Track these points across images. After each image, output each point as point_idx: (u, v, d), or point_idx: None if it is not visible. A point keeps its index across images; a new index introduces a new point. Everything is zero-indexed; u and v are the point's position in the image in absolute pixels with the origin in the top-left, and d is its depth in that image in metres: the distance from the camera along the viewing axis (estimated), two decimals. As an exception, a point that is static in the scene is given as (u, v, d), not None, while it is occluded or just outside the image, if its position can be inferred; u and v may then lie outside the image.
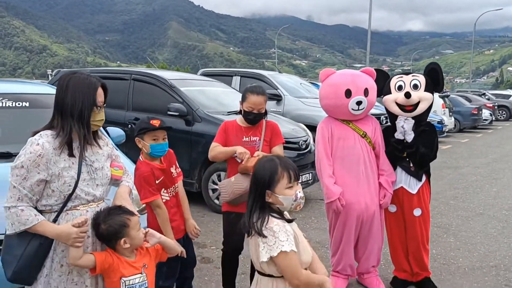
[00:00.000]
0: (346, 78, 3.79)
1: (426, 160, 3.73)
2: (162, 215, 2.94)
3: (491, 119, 22.24)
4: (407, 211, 3.80)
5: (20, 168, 2.08)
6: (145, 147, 2.93)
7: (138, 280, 2.20)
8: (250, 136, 3.38)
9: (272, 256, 2.02)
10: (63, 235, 2.06)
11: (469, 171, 9.82)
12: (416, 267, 3.88)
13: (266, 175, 2.12)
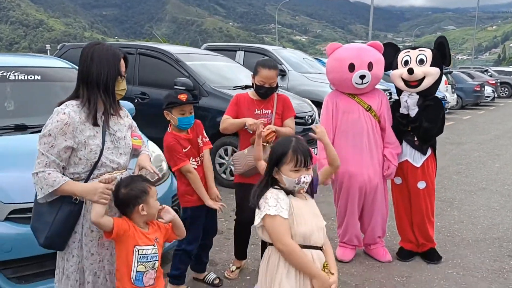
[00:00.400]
0: (350, 52, 3.84)
1: (430, 134, 3.78)
2: (194, 179, 3.12)
3: (493, 96, 22.20)
4: (412, 183, 3.88)
5: (48, 136, 2.14)
6: (173, 120, 3.10)
7: (150, 252, 2.25)
8: (262, 109, 3.44)
9: (262, 219, 2.14)
10: (89, 190, 2.12)
11: (471, 147, 9.90)
12: (421, 238, 3.98)
13: (278, 152, 2.21)
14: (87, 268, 2.27)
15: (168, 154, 3.12)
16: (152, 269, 2.25)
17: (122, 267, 2.21)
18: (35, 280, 3.07)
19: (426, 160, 3.84)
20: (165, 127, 7.02)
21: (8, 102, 4.12)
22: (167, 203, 3.75)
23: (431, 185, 3.88)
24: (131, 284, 2.20)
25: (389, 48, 4.04)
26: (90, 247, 2.26)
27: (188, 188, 3.19)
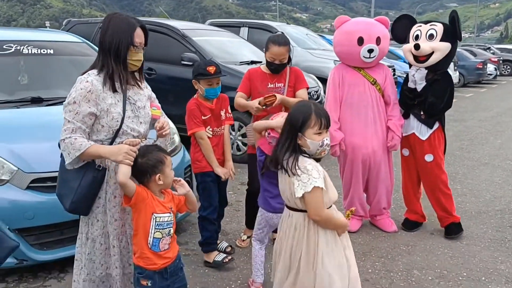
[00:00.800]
0: (360, 26, 3.90)
1: (435, 109, 3.83)
2: (205, 146, 3.29)
3: (496, 73, 22.15)
4: (419, 156, 3.96)
5: (73, 104, 2.22)
6: (200, 90, 3.28)
7: (167, 219, 2.34)
8: (275, 82, 3.51)
9: (306, 192, 2.17)
10: (115, 151, 2.20)
11: (474, 124, 9.98)
12: (439, 210, 4.04)
13: (299, 118, 2.25)
14: (111, 233, 2.37)
15: (187, 117, 3.29)
16: (168, 235, 2.34)
17: (139, 233, 2.30)
18: (55, 247, 3.20)
19: (433, 134, 3.90)
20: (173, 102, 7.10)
21: (22, 75, 4.19)
22: (180, 175, 3.88)
23: (438, 158, 3.93)
24: (148, 249, 2.30)
25: (405, 20, 4.09)
26: (113, 213, 2.36)
27: (198, 154, 3.35)
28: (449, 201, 4.01)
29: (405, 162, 4.14)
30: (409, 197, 4.19)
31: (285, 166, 2.24)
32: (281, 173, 2.33)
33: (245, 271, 3.36)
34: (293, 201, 2.27)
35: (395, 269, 3.45)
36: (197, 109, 3.27)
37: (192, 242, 3.85)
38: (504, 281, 3.30)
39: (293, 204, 2.28)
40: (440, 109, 3.85)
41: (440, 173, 3.96)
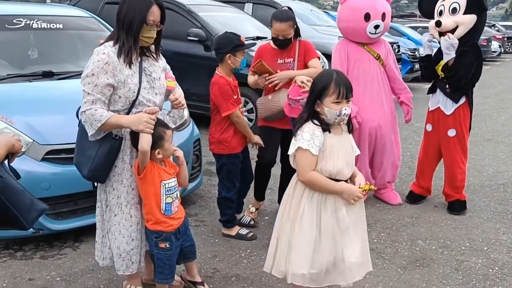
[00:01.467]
0: (366, 2, 3.92)
1: (462, 82, 3.75)
2: (242, 124, 3.30)
3: (500, 51, 21.97)
4: (442, 131, 3.95)
5: (91, 76, 2.28)
6: (236, 63, 3.24)
7: (173, 184, 2.46)
8: (284, 58, 3.53)
9: (292, 152, 2.28)
10: (135, 120, 2.27)
11: (477, 101, 9.83)
12: (448, 187, 4.07)
13: (320, 85, 2.29)
14: (129, 203, 2.45)
15: (220, 97, 3.21)
16: (176, 199, 2.49)
17: (151, 201, 2.40)
18: (70, 217, 3.30)
19: (458, 108, 3.86)
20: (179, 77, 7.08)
21: (32, 50, 4.23)
22: (189, 149, 3.97)
23: (461, 133, 3.90)
24: (162, 215, 2.42)
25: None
26: (131, 182, 2.44)
27: (226, 135, 3.31)
28: (462, 179, 4.04)
29: (427, 138, 4.12)
30: (423, 172, 4.21)
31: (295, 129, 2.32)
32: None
33: (254, 241, 3.46)
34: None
35: (400, 240, 3.54)
36: (230, 88, 3.23)
37: (201, 213, 3.95)
38: (506, 251, 3.40)
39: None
40: (466, 83, 3.77)
41: (463, 149, 3.95)
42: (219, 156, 3.40)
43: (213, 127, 3.37)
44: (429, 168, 4.21)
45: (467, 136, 3.98)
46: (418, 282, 2.97)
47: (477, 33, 3.81)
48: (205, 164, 5.27)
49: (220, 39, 3.34)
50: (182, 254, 2.60)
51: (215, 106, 3.30)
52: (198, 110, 6.46)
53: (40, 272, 2.97)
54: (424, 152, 4.21)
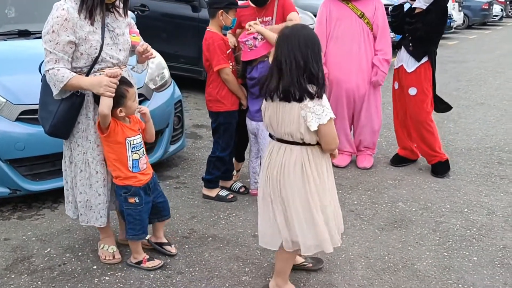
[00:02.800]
0: None
1: (421, 38, 3.77)
2: (233, 81, 3.26)
3: (502, 15, 21.63)
4: (405, 90, 3.95)
5: (52, 33, 2.21)
6: (226, 21, 3.21)
7: (139, 141, 2.44)
8: (262, 16, 3.46)
9: (321, 124, 2.07)
10: (95, 83, 2.23)
11: (474, 65, 9.86)
12: (423, 146, 4.01)
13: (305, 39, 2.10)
14: (94, 159, 2.42)
15: (212, 52, 3.18)
16: (143, 155, 2.47)
17: (117, 159, 2.39)
18: (48, 178, 3.27)
19: (419, 67, 3.84)
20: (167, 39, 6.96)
21: (9, 9, 4.12)
22: (170, 110, 3.92)
23: (422, 92, 3.87)
24: (130, 172, 2.41)
25: None
26: (95, 139, 2.40)
27: (222, 93, 3.27)
28: (432, 137, 3.98)
29: (395, 96, 4.14)
30: (399, 132, 4.21)
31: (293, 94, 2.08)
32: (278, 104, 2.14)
33: (234, 202, 3.45)
34: (298, 137, 2.14)
35: (380, 201, 3.53)
36: (223, 43, 3.19)
37: (183, 176, 3.93)
38: (486, 212, 3.39)
39: (297, 139, 2.15)
40: (423, 37, 3.77)
41: (425, 109, 3.92)
42: (216, 115, 3.37)
43: (209, 85, 3.34)
44: (404, 127, 4.15)
45: (430, 95, 3.93)
46: (394, 242, 2.97)
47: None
48: (191, 127, 5.24)
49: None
50: (155, 211, 2.59)
51: (209, 63, 3.26)
52: (186, 73, 6.37)
53: (16, 232, 2.97)
54: (395, 111, 4.18)
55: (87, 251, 2.78)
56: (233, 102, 3.32)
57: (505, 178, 4.01)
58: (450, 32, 14.90)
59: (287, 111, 2.11)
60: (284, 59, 2.08)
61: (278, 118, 2.15)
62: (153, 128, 2.61)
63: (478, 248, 2.92)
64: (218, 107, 3.32)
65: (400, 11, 3.96)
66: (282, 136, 2.18)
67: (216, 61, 3.18)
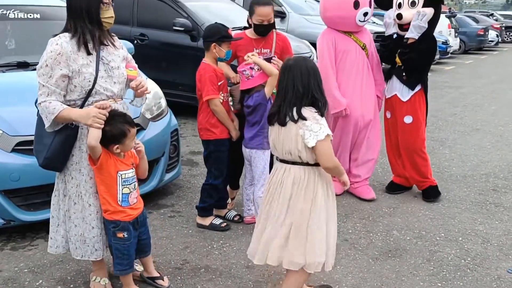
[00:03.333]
0: None
1: (411, 64, 3.82)
2: (221, 112, 3.32)
3: (497, 40, 21.90)
4: (399, 118, 3.99)
5: (45, 67, 2.28)
6: (219, 53, 3.28)
7: (130, 175, 2.45)
8: (261, 48, 3.51)
9: (319, 140, 2.21)
10: (84, 115, 2.26)
11: (470, 91, 9.94)
12: (415, 174, 4.05)
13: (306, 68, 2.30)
14: (87, 192, 2.43)
15: (203, 83, 3.26)
16: (134, 190, 2.47)
17: (106, 192, 2.39)
18: (42, 208, 3.27)
19: (414, 96, 3.89)
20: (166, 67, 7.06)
21: (9, 40, 4.18)
22: (166, 139, 3.94)
23: (418, 120, 3.92)
24: (119, 205, 2.41)
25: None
26: (88, 171, 2.42)
27: (211, 120, 3.33)
28: (425, 165, 4.03)
29: (387, 125, 4.18)
30: (392, 160, 4.24)
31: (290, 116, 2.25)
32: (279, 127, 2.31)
33: (228, 232, 3.45)
34: (296, 154, 2.28)
35: (375, 230, 3.53)
36: (214, 75, 3.27)
37: (178, 204, 3.94)
38: (481, 241, 3.38)
39: (296, 157, 2.29)
40: (416, 65, 3.83)
41: (419, 136, 3.96)
42: (206, 143, 3.42)
43: (200, 114, 3.39)
44: (398, 156, 4.17)
45: (424, 123, 4.00)
46: (388, 273, 2.96)
47: (432, 25, 3.83)
48: (188, 153, 5.26)
49: (208, 28, 3.38)
50: (138, 247, 2.57)
51: (200, 93, 3.32)
52: (184, 100, 6.43)
53: (8, 264, 2.97)
54: (388, 140, 4.21)
55: (79, 283, 2.77)
56: (223, 131, 3.36)
57: (500, 205, 4.01)
58: (446, 57, 15.06)
59: (287, 130, 2.29)
60: (286, 87, 2.30)
61: (280, 139, 2.33)
62: (147, 164, 2.63)
63: (472, 278, 2.91)
64: (208, 135, 3.37)
65: (390, 41, 4.02)
66: (283, 155, 2.35)
67: (206, 92, 3.25)
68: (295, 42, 7.01)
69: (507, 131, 6.54)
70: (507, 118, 7.34)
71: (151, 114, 3.86)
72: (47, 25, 4.34)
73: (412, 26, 3.74)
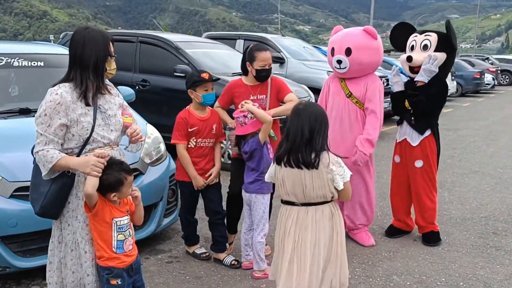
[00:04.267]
0: (336, 37, 3.96)
1: (424, 111, 3.85)
2: (182, 159, 3.52)
3: (494, 83, 22.24)
4: (409, 162, 3.99)
5: (44, 116, 2.31)
6: (197, 98, 3.44)
7: (126, 222, 2.45)
8: (257, 94, 3.59)
9: (345, 182, 2.49)
10: (82, 163, 2.29)
11: (468, 133, 10.02)
12: (420, 219, 4.05)
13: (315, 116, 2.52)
14: (83, 239, 2.42)
15: (174, 127, 3.49)
16: (129, 236, 2.47)
17: (101, 238, 2.39)
18: (39, 254, 3.25)
19: (424, 140, 3.91)
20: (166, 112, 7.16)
21: (13, 87, 4.28)
22: (164, 184, 3.96)
23: (428, 164, 3.93)
24: (113, 252, 2.40)
25: (403, 29, 4.14)
26: (85, 218, 2.42)
27: (178, 162, 3.60)
28: (433, 209, 4.03)
29: (396, 169, 4.15)
30: (396, 206, 4.20)
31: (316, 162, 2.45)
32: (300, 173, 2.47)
33: (226, 277, 3.41)
34: (329, 196, 2.52)
35: (375, 275, 3.49)
36: (183, 121, 3.45)
37: (176, 249, 3.91)
38: (482, 286, 3.34)
39: (329, 197, 2.53)
40: (425, 109, 3.83)
41: (430, 181, 3.98)
42: (178, 182, 3.72)
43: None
44: (402, 201, 4.17)
45: (435, 168, 4.00)
46: (388, 319, 2.90)
47: (444, 70, 3.89)
48: (187, 199, 5.24)
49: (186, 77, 3.57)
50: None
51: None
52: (183, 145, 6.49)
53: (3, 311, 2.93)
54: (394, 185, 4.19)
55: (73, 331, 2.71)
56: (184, 174, 3.55)
57: (500, 249, 3.98)
58: (444, 101, 15.22)
59: (315, 176, 2.46)
60: (294, 131, 2.48)
61: (304, 184, 2.48)
62: (142, 211, 2.63)
63: (474, 324, 2.86)
64: (176, 175, 3.69)
65: (399, 97, 3.97)
66: (310, 200, 2.51)
67: (173, 136, 3.49)
68: (293, 86, 7.15)
69: (506, 173, 6.55)
70: (505, 160, 7.38)
71: (150, 159, 3.90)
72: (51, 72, 4.45)
73: (422, 70, 3.79)
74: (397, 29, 4.19)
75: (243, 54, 3.68)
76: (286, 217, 2.58)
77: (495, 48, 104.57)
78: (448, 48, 3.85)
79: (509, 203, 5.19)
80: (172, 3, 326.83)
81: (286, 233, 2.56)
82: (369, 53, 3.79)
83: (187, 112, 3.49)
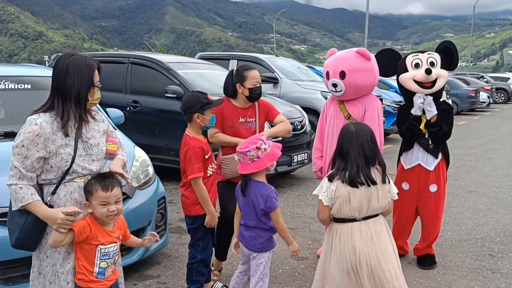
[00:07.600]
0: (330, 60, 3.90)
1: (446, 138, 3.86)
2: (202, 193, 3.12)
3: (489, 101, 22.36)
4: (423, 187, 3.89)
5: (21, 147, 2.18)
6: (205, 122, 3.15)
7: (113, 249, 2.34)
8: (246, 117, 3.53)
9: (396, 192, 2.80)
10: (50, 218, 2.18)
11: (463, 152, 9.99)
12: (422, 242, 4.00)
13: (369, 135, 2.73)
14: (65, 269, 2.31)
15: (188, 159, 3.10)
16: (113, 264, 2.37)
17: (84, 258, 2.29)
18: (22, 282, 3.14)
19: (438, 164, 3.86)
20: (157, 134, 7.09)
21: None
22: (153, 208, 3.87)
23: (442, 188, 3.91)
24: (94, 277, 2.30)
25: (388, 54, 4.09)
26: (66, 248, 2.31)
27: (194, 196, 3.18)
28: (437, 233, 4.02)
29: (403, 197, 3.84)
30: (398, 232, 4.03)
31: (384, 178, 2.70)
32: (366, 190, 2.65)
33: (215, 304, 3.30)
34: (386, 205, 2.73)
35: (368, 301, 3.38)
36: (201, 151, 3.09)
37: (164, 275, 3.80)
38: (478, 311, 3.25)
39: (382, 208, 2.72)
40: (448, 138, 3.90)
41: (441, 204, 3.95)
42: (195, 218, 3.22)
43: (186, 189, 3.19)
44: (406, 228, 4.09)
45: (445, 190, 3.99)
46: None
47: (443, 89, 3.89)
48: (178, 220, 5.17)
49: (187, 99, 3.22)
50: None
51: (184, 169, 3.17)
52: (176, 165, 6.36)
53: None
54: (400, 213, 4.04)
55: None
56: (214, 203, 3.25)
57: (497, 271, 3.89)
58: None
59: (379, 188, 2.67)
60: (353, 151, 2.66)
61: (369, 199, 2.66)
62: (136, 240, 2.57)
63: None
64: (197, 211, 3.19)
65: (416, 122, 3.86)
66: (371, 213, 2.68)
67: (190, 170, 3.08)
68: (287, 107, 7.14)
69: (501, 192, 6.49)
70: (501, 179, 7.32)
71: (138, 182, 3.82)
72: (38, 94, 4.39)
73: (424, 108, 3.74)
74: (380, 56, 4.11)
75: (227, 78, 3.61)
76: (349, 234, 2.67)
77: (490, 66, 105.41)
78: (447, 68, 3.85)
79: (505, 223, 5.12)
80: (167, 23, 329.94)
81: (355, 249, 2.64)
82: (364, 75, 3.74)
83: (195, 139, 3.12)
